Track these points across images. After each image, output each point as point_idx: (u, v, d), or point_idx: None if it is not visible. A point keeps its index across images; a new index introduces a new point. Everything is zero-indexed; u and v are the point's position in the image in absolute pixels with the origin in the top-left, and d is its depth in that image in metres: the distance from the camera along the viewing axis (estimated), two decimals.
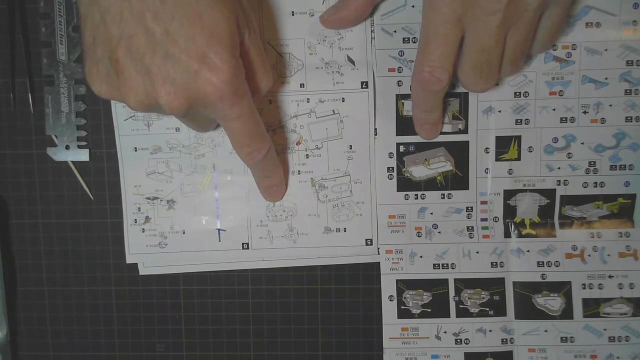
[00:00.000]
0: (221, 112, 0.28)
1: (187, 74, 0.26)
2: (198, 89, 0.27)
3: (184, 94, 0.27)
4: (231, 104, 0.28)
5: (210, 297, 0.39)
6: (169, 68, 0.26)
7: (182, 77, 0.26)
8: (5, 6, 0.37)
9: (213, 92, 0.27)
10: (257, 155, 0.32)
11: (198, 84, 0.27)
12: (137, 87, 0.27)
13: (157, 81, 0.26)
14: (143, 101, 0.27)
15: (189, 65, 0.26)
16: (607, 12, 0.35)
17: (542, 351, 0.37)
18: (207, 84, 0.27)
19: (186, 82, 0.27)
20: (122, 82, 0.27)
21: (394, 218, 0.38)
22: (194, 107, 0.28)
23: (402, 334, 0.38)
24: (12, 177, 0.38)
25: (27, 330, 0.39)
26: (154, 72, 0.26)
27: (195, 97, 0.27)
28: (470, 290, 0.37)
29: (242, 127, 0.30)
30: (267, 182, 0.36)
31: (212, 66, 0.26)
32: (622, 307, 0.37)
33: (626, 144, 0.36)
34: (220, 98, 0.27)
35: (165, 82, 0.26)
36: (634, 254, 0.37)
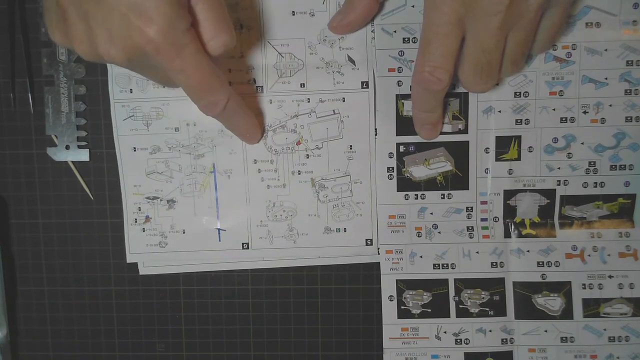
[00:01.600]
0: (163, 65, 0.27)
1: (120, 23, 0.25)
2: (132, 40, 0.26)
3: (121, 44, 0.26)
4: (171, 57, 0.27)
5: (210, 297, 0.39)
6: (104, 15, 0.25)
7: (117, 26, 0.25)
8: (5, 6, 0.37)
9: (147, 43, 0.26)
10: (214, 108, 0.31)
11: (131, 34, 0.25)
12: (81, 35, 0.27)
13: (95, 28, 0.26)
14: (87, 49, 0.27)
15: (119, 13, 0.25)
16: (607, 12, 0.35)
17: (542, 351, 0.37)
18: (139, 34, 0.25)
19: (121, 31, 0.26)
20: (68, 28, 0.27)
21: (394, 218, 0.38)
22: (134, 58, 0.27)
23: (402, 334, 0.38)
24: (12, 177, 0.38)
25: (27, 330, 0.39)
26: (91, 19, 0.26)
27: (132, 47, 0.26)
28: (470, 290, 0.37)
29: (189, 81, 0.28)
30: (236, 131, 0.35)
31: (143, 15, 0.25)
32: (622, 307, 0.37)
33: (626, 144, 0.36)
34: (156, 50, 0.26)
35: (102, 30, 0.26)
36: (634, 254, 0.37)
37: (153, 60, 0.27)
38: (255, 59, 0.36)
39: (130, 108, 0.37)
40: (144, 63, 0.28)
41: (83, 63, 0.37)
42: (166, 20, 0.25)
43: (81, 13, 0.26)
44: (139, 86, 0.37)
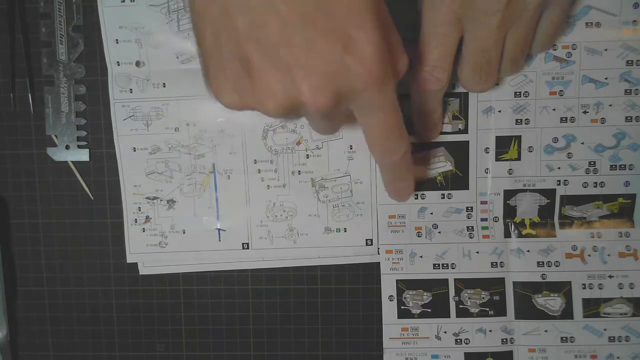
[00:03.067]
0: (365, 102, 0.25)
1: (329, 62, 0.23)
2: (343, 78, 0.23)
3: (329, 87, 0.23)
4: (378, 91, 0.24)
5: (210, 297, 0.39)
6: (308, 58, 0.22)
7: (324, 66, 0.23)
8: (5, 6, 0.37)
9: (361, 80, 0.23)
10: (394, 155, 0.29)
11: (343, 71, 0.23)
12: (275, 87, 0.23)
13: (297, 75, 0.23)
14: (283, 103, 0.23)
15: (331, 50, 0.22)
16: (607, 12, 0.35)
17: (542, 351, 0.37)
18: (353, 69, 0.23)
19: (329, 71, 0.23)
20: (256, 84, 0.23)
21: (394, 218, 0.38)
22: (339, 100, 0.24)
23: (402, 334, 0.38)
24: (12, 177, 0.38)
25: (27, 330, 0.39)
26: (292, 65, 0.23)
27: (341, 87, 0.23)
28: (470, 290, 0.37)
29: (384, 120, 0.26)
30: (399, 184, 0.33)
31: (358, 48, 0.23)
32: (622, 307, 0.37)
33: (626, 144, 0.36)
34: (367, 85, 0.23)
35: (307, 75, 0.23)
36: (634, 254, 0.37)
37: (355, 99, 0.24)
38: None
39: (130, 108, 0.37)
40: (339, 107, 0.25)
41: (83, 63, 0.37)
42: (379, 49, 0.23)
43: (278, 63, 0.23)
44: (139, 86, 0.37)
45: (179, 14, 0.36)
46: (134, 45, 0.36)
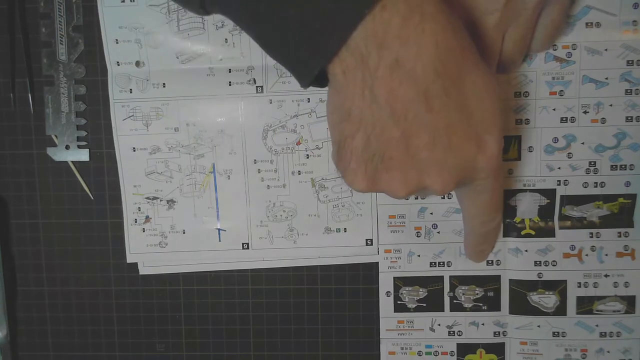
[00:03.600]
0: (480, 187, 0.29)
1: (462, 159, 0.27)
2: (471, 171, 0.27)
3: (456, 179, 0.27)
4: (494, 179, 0.28)
5: (210, 297, 0.39)
6: (445, 158, 0.26)
7: (456, 163, 0.27)
8: (5, 6, 0.37)
9: (484, 172, 0.27)
10: (490, 224, 0.33)
11: (471, 166, 0.27)
12: (409, 180, 0.27)
13: (431, 172, 0.27)
14: (412, 192, 0.27)
15: (467, 151, 0.26)
16: (607, 12, 0.35)
17: (533, 344, 0.38)
18: (480, 166, 0.27)
19: (459, 166, 0.27)
20: (391, 177, 0.27)
21: (394, 218, 0.38)
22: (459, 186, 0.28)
23: (398, 326, 0.38)
24: (12, 177, 0.38)
25: (27, 330, 0.39)
26: (430, 165, 0.26)
27: (465, 178, 0.27)
28: (464, 287, 0.38)
29: (491, 199, 0.31)
30: (482, 247, 0.36)
31: (487, 148, 0.27)
32: (615, 304, 0.37)
33: (627, 144, 0.36)
34: (488, 176, 0.28)
35: (441, 172, 0.27)
36: (631, 254, 0.37)
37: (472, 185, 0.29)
38: (255, 59, 0.36)
39: (130, 108, 0.37)
40: None
41: (83, 63, 0.37)
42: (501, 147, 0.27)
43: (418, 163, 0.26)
44: (139, 86, 0.37)
45: (178, 14, 0.36)
46: (134, 45, 0.36)
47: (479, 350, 0.38)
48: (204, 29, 0.36)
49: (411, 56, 0.24)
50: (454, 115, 0.26)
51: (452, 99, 0.25)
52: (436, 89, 0.25)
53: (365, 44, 0.24)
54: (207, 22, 0.36)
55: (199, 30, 0.36)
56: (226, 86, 0.36)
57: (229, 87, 0.36)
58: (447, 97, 0.25)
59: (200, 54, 0.36)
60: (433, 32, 0.24)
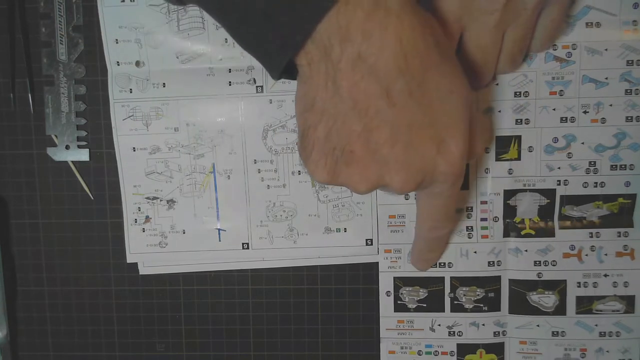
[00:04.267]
0: (437, 191, 0.29)
1: (422, 160, 0.26)
2: (430, 174, 0.27)
3: (415, 179, 0.27)
4: (452, 185, 0.28)
5: (210, 297, 0.39)
6: (406, 156, 0.26)
7: (416, 163, 0.26)
8: (5, 6, 0.37)
9: (443, 175, 0.27)
10: (439, 231, 0.33)
11: (431, 168, 0.27)
12: (369, 175, 0.27)
13: (391, 169, 0.27)
14: (372, 187, 0.27)
15: (427, 151, 0.26)
16: (607, 12, 0.35)
17: (533, 344, 0.38)
18: (440, 169, 0.27)
19: (420, 167, 0.27)
20: (352, 171, 0.27)
21: (394, 218, 0.38)
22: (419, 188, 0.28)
23: (398, 325, 0.38)
24: (12, 177, 0.38)
25: (27, 330, 0.39)
26: (390, 161, 0.26)
27: (425, 180, 0.27)
28: (465, 288, 0.38)
29: (444, 205, 0.30)
30: (429, 255, 0.36)
31: (448, 152, 0.26)
32: (615, 304, 0.37)
33: (627, 144, 0.36)
34: (446, 180, 0.28)
35: (401, 170, 0.27)
36: (630, 254, 0.37)
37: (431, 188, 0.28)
38: (255, 59, 0.36)
39: (130, 108, 0.37)
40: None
41: (83, 63, 0.37)
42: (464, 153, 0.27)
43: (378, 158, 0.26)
44: (139, 86, 0.37)
45: (178, 14, 0.36)
46: (134, 45, 0.36)
47: (479, 351, 0.38)
48: (204, 29, 0.36)
49: (374, 51, 0.24)
50: (416, 114, 0.26)
51: (414, 98, 0.25)
52: (399, 86, 0.25)
53: (329, 37, 0.24)
54: (207, 22, 0.36)
55: (199, 30, 0.36)
56: (226, 86, 0.36)
57: (229, 87, 0.36)
58: (409, 95, 0.25)
59: (200, 54, 0.36)
60: (397, 29, 0.24)
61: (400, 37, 0.24)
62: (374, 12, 0.24)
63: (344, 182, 0.28)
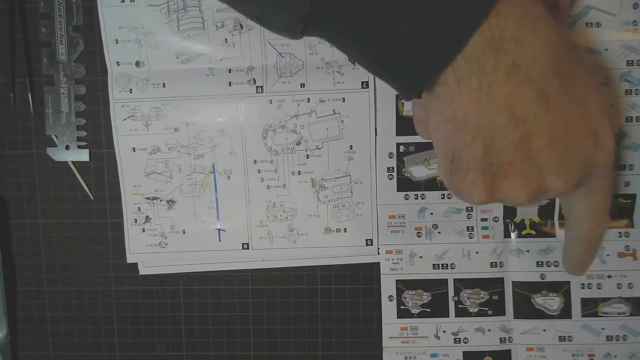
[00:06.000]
0: (595, 186, 0.28)
1: (582, 156, 0.26)
2: (590, 169, 0.27)
3: (576, 177, 0.26)
4: (608, 178, 0.28)
5: (210, 297, 0.39)
6: (566, 156, 0.26)
7: (576, 161, 0.26)
8: (5, 6, 0.37)
9: (602, 168, 0.27)
10: (600, 230, 0.32)
11: (590, 163, 0.27)
12: (530, 184, 0.26)
13: (553, 173, 0.26)
14: (532, 196, 0.27)
15: (587, 148, 0.26)
16: (607, 12, 0.35)
17: (540, 350, 0.37)
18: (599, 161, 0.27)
19: (579, 164, 0.26)
20: (511, 183, 0.26)
21: (394, 218, 0.37)
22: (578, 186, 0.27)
23: (402, 333, 0.38)
24: (12, 177, 0.38)
25: (27, 330, 0.39)
26: (551, 165, 0.26)
27: (584, 176, 0.27)
28: (469, 290, 0.37)
29: (603, 200, 0.30)
30: (588, 256, 0.35)
31: (604, 143, 0.26)
32: (620, 306, 0.37)
33: (626, 144, 0.36)
34: (605, 172, 0.27)
35: (563, 172, 0.26)
36: (633, 254, 0.37)
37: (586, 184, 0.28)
38: (255, 59, 0.36)
39: (130, 108, 0.37)
40: None
41: (83, 63, 0.37)
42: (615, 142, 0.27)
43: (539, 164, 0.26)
44: (139, 86, 0.37)
45: (178, 14, 0.36)
46: (134, 45, 0.36)
47: (486, 358, 0.38)
48: (204, 29, 0.36)
49: (528, 57, 0.24)
50: (571, 113, 0.26)
51: (569, 97, 0.25)
52: (553, 87, 0.25)
53: (483, 50, 0.24)
54: (207, 22, 0.36)
55: (199, 30, 0.36)
56: (226, 86, 0.36)
57: (229, 87, 0.36)
58: (563, 94, 0.25)
59: (200, 54, 0.36)
60: (546, 33, 0.24)
61: (549, 40, 0.25)
62: (524, 19, 0.24)
63: (503, 197, 0.27)
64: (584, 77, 0.26)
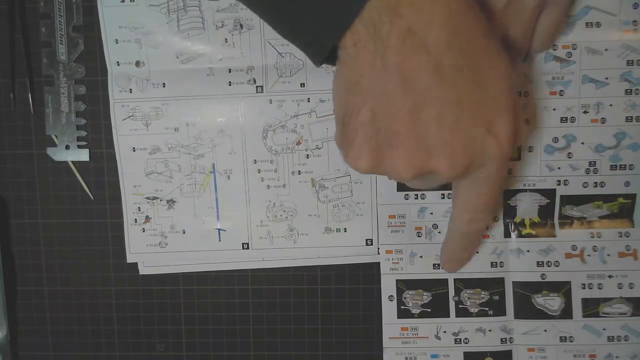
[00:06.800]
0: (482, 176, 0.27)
1: (471, 141, 0.26)
2: (479, 156, 0.26)
3: (463, 161, 0.26)
4: (499, 170, 0.27)
5: (210, 297, 0.39)
6: (454, 136, 0.25)
7: (465, 144, 0.26)
8: (5, 6, 0.37)
9: (493, 158, 0.26)
10: (479, 224, 0.32)
11: (480, 150, 0.26)
12: (415, 160, 0.26)
13: (439, 152, 0.25)
14: (419, 172, 0.26)
15: (477, 131, 0.25)
16: (607, 12, 0.35)
17: (541, 350, 0.37)
18: (489, 150, 0.26)
19: (468, 148, 0.26)
20: (397, 154, 0.26)
21: (394, 218, 0.37)
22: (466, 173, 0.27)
23: (402, 333, 0.38)
24: (12, 177, 0.38)
25: (27, 330, 0.39)
26: (437, 143, 0.25)
27: (472, 163, 0.26)
28: (470, 290, 0.37)
29: (489, 192, 0.29)
30: (463, 254, 0.35)
31: (497, 131, 0.26)
32: (621, 307, 0.37)
33: (626, 144, 0.36)
34: (495, 163, 0.26)
35: (449, 152, 0.25)
36: (633, 254, 0.37)
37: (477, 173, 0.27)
38: (255, 59, 0.36)
39: (130, 108, 0.37)
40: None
41: (83, 63, 0.37)
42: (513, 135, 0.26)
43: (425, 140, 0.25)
44: (139, 86, 0.37)
45: (178, 14, 0.36)
46: (134, 45, 0.36)
47: (486, 359, 0.38)
48: (204, 29, 0.36)
49: (424, 25, 0.24)
50: (465, 92, 0.25)
51: (464, 74, 0.25)
52: (448, 60, 0.24)
53: (379, 13, 0.24)
54: (207, 22, 0.36)
55: (199, 30, 0.36)
56: (226, 86, 0.36)
57: (228, 87, 0.36)
58: (459, 70, 0.24)
59: (200, 54, 0.36)
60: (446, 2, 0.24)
61: (449, 10, 0.24)
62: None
63: (388, 169, 0.26)
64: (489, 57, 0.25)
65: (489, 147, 0.26)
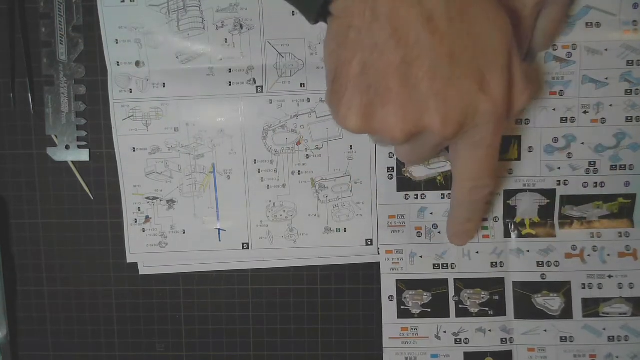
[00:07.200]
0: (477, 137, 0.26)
1: (463, 97, 0.25)
2: (472, 114, 0.25)
3: (456, 118, 0.25)
4: (495, 130, 0.26)
5: (210, 297, 0.39)
6: (447, 91, 0.24)
7: (459, 100, 0.25)
8: (5, 6, 0.37)
9: (486, 115, 0.25)
10: (481, 192, 0.30)
11: (472, 107, 0.25)
12: (407, 116, 0.25)
13: (431, 108, 0.24)
14: (411, 130, 0.25)
15: (469, 87, 0.25)
16: (607, 12, 0.35)
17: (541, 350, 0.37)
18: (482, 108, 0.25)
19: (462, 105, 0.25)
20: (388, 111, 0.25)
21: (394, 218, 0.37)
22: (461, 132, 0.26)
23: (402, 333, 0.38)
24: (12, 177, 0.38)
25: (27, 330, 0.39)
26: (429, 99, 0.24)
27: (467, 120, 0.25)
28: (470, 290, 0.37)
29: (487, 156, 0.28)
30: (467, 225, 0.34)
31: (490, 88, 0.25)
32: (621, 307, 0.37)
33: (626, 144, 0.36)
34: (488, 122, 0.26)
35: (442, 107, 0.24)
36: (633, 254, 0.37)
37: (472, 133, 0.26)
38: (255, 59, 0.36)
39: (130, 108, 0.37)
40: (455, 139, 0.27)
41: (83, 63, 0.37)
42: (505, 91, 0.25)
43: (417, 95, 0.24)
44: (139, 86, 0.37)
45: (178, 14, 0.36)
46: (134, 45, 0.36)
47: (487, 359, 0.38)
48: (204, 29, 0.36)
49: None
50: (457, 45, 0.24)
51: (455, 27, 0.24)
52: (440, 11, 0.23)
53: None
54: (207, 22, 0.36)
55: (199, 30, 0.36)
56: (226, 86, 0.36)
57: (228, 87, 0.36)
58: (450, 22, 0.24)
59: (200, 54, 0.36)
60: None
61: None
62: None
63: (379, 127, 0.25)
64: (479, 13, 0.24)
65: (481, 104, 0.25)
